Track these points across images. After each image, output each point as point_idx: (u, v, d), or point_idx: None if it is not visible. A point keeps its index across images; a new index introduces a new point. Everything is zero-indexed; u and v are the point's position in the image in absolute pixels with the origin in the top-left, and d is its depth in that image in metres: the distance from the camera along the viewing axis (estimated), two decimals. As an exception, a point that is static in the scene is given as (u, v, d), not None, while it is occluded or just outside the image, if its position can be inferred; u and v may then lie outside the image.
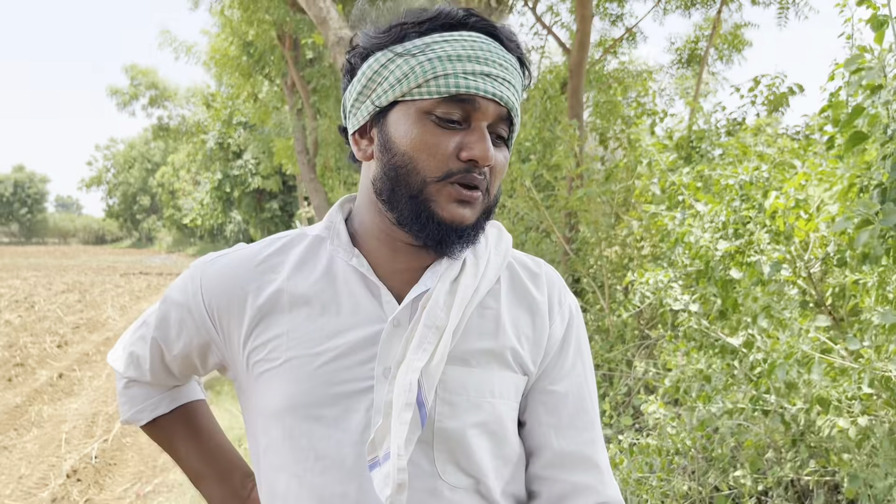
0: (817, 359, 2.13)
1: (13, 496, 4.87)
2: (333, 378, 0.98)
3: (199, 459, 1.28)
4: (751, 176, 2.83)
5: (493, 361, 1.02)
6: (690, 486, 3.16)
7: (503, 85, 0.96)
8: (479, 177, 0.96)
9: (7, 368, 8.90)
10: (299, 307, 1.02)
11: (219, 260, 1.10)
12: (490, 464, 1.00)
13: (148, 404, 1.24)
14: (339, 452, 0.97)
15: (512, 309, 1.06)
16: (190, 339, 1.12)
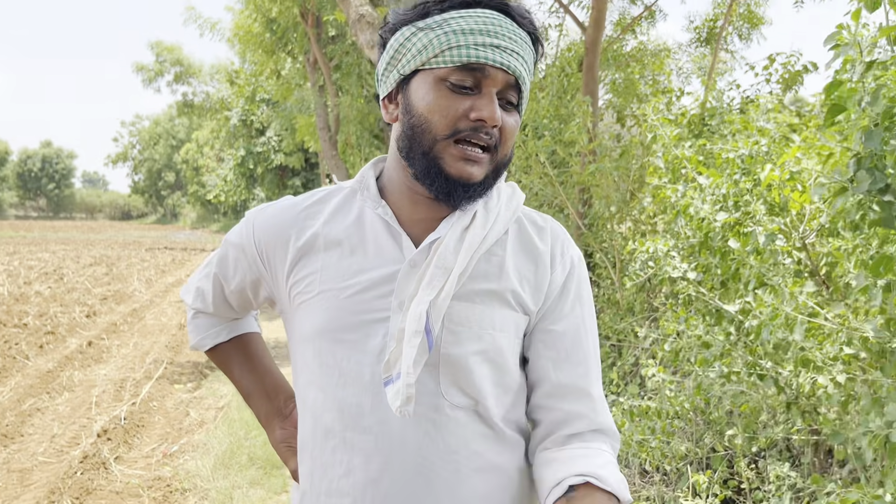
0: (799, 320, 2.25)
1: (46, 453, 5.12)
2: (356, 308, 1.15)
3: (251, 381, 1.48)
4: (750, 150, 2.94)
5: (496, 300, 1.16)
6: (688, 447, 3.30)
7: (511, 55, 1.10)
8: (485, 136, 1.10)
9: (39, 336, 9.21)
10: (332, 248, 1.20)
11: (268, 208, 1.29)
12: (490, 389, 1.15)
13: (211, 333, 1.46)
14: (359, 370, 1.14)
15: (516, 256, 1.20)
16: (244, 276, 1.31)
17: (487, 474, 1.16)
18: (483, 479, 1.15)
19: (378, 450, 1.12)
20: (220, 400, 6.53)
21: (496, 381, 1.16)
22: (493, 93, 1.10)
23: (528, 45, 1.14)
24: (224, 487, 4.25)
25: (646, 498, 3.45)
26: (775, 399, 3.01)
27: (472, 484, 1.14)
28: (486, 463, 1.16)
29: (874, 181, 1.74)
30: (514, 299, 1.17)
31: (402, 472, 1.11)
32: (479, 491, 1.15)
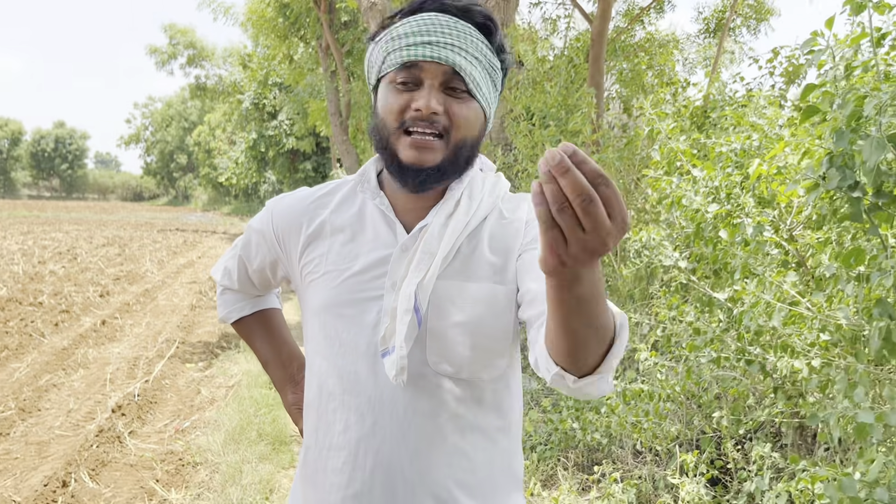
0: (778, 307, 2.38)
1: (63, 427, 5.31)
2: (355, 287, 1.31)
3: (269, 351, 1.68)
4: (742, 144, 3.06)
5: (475, 276, 1.30)
6: (678, 428, 3.44)
7: (445, 48, 1.21)
8: (424, 124, 1.22)
9: (54, 314, 9.42)
10: (336, 234, 1.37)
11: (286, 198, 1.47)
12: (471, 355, 1.29)
13: (236, 307, 1.66)
14: (356, 341, 1.30)
15: (497, 236, 1.34)
16: (264, 257, 1.50)
17: (468, 434, 1.30)
18: (463, 437, 1.30)
19: (371, 410, 1.28)
20: (230, 379, 6.71)
21: (479, 346, 1.29)
22: (432, 85, 1.23)
23: (472, 36, 1.25)
24: (234, 461, 4.42)
25: (638, 476, 3.60)
26: (762, 383, 3.14)
27: (452, 441, 1.29)
28: (466, 424, 1.30)
29: (843, 178, 1.86)
30: (493, 272, 1.31)
31: (391, 429, 1.27)
32: (459, 448, 1.29)
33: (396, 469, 1.27)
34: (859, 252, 2.01)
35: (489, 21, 1.27)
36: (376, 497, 1.28)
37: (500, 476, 1.36)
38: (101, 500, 4.11)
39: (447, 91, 1.24)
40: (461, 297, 1.28)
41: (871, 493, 2.17)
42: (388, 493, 1.28)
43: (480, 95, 1.27)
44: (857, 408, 2.02)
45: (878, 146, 1.68)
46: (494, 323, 1.30)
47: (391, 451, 1.27)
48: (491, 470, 1.34)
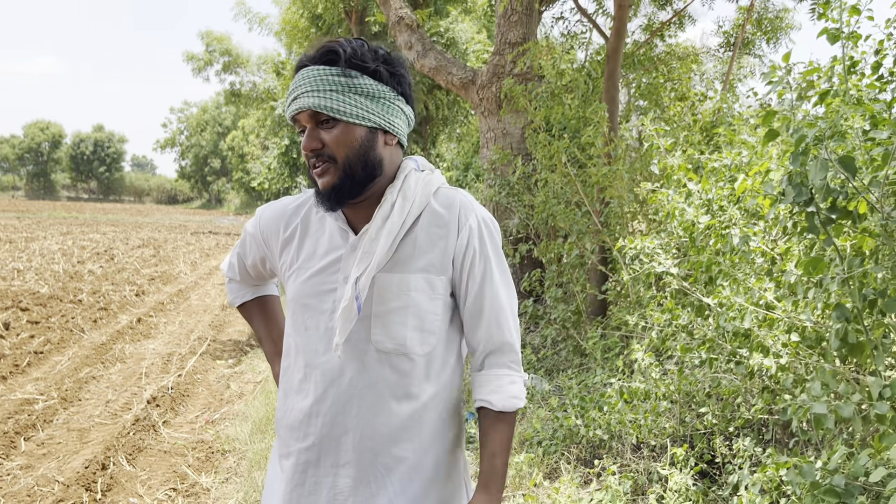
0: (750, 310, 2.61)
1: (102, 416, 5.67)
2: (316, 281, 1.63)
3: (264, 330, 2.05)
4: (733, 160, 3.29)
5: (412, 268, 1.58)
6: (672, 425, 3.67)
7: (303, 97, 1.50)
8: (313, 158, 1.54)
9: (93, 312, 9.86)
10: (304, 238, 1.69)
11: (270, 206, 1.79)
12: (412, 335, 1.58)
13: (239, 294, 2.03)
14: (317, 325, 1.62)
15: (429, 229, 1.61)
16: (255, 255, 1.85)
17: (405, 402, 1.59)
18: (400, 405, 1.59)
19: (324, 379, 1.60)
20: (258, 375, 7.04)
21: (418, 327, 1.58)
22: (309, 127, 1.53)
23: (322, 74, 1.49)
24: (260, 449, 4.72)
25: (634, 470, 3.83)
26: (750, 383, 3.36)
27: (390, 408, 1.58)
28: (403, 392, 1.59)
29: (799, 194, 2.09)
30: (427, 264, 1.59)
31: (339, 395, 1.58)
32: (396, 411, 1.59)
33: (341, 428, 1.58)
34: (818, 261, 2.24)
35: (331, 54, 1.52)
36: (324, 450, 1.60)
37: (434, 436, 1.65)
38: (137, 481, 4.44)
39: (321, 126, 1.53)
40: (399, 287, 1.58)
41: (830, 479, 2.40)
42: (333, 448, 1.59)
43: (347, 114, 1.51)
44: (814, 401, 2.25)
45: (822, 167, 1.91)
46: (429, 307, 1.60)
47: (338, 413, 1.58)
48: (424, 430, 1.63)
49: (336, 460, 1.60)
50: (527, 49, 7.27)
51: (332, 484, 1.60)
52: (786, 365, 2.57)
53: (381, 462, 1.59)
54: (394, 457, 1.60)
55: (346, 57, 1.52)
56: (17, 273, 13.09)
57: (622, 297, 5.65)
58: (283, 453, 1.68)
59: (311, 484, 1.62)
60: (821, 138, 1.90)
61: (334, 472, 1.60)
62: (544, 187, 6.58)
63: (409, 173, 1.63)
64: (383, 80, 1.55)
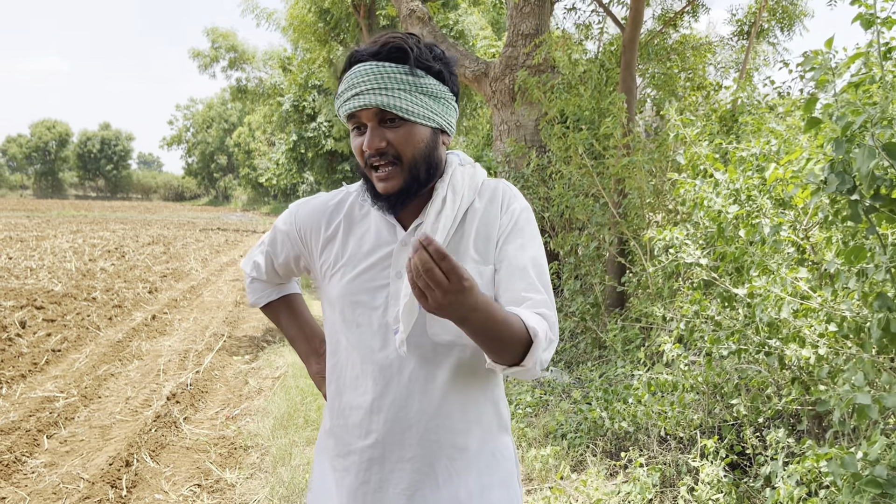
0: (787, 301, 2.58)
1: (123, 413, 5.68)
2: (367, 277, 1.61)
3: (294, 329, 2.00)
4: (762, 149, 3.25)
5: (463, 260, 1.59)
6: (700, 416, 3.65)
7: (368, 94, 1.47)
8: (377, 159, 1.50)
9: (107, 309, 9.88)
10: (349, 235, 1.66)
11: (307, 203, 1.76)
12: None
13: (264, 294, 1.97)
14: (370, 321, 1.60)
15: (477, 221, 1.62)
16: (288, 252, 1.80)
17: (464, 392, 1.60)
18: (458, 393, 1.59)
19: (382, 376, 1.58)
20: (276, 371, 7.04)
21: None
22: (372, 126, 1.50)
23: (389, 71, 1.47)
24: (283, 445, 4.72)
25: (662, 462, 3.81)
26: (780, 374, 3.33)
27: (451, 399, 1.58)
28: (462, 383, 1.59)
29: (842, 182, 2.06)
30: (477, 255, 1.59)
31: (399, 391, 1.57)
32: (455, 401, 1.59)
33: (404, 423, 1.58)
34: (860, 250, 2.21)
35: (400, 52, 1.51)
36: (388, 446, 1.59)
37: (491, 422, 1.66)
38: (161, 478, 4.44)
39: (386, 125, 1.51)
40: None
41: (872, 470, 2.37)
42: (397, 442, 1.58)
43: (415, 115, 1.51)
44: (857, 391, 2.22)
45: (870, 154, 1.88)
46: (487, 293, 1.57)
47: (400, 408, 1.57)
48: (482, 417, 1.64)
49: (401, 455, 1.59)
50: (542, 41, 7.23)
51: (399, 479, 1.59)
52: (823, 355, 2.55)
53: (446, 454, 1.59)
54: (457, 447, 1.60)
55: (414, 56, 1.51)
56: (31, 272, 13.13)
57: (641, 289, 5.62)
58: (342, 452, 1.66)
59: (376, 481, 1.61)
60: (867, 125, 1.87)
61: (400, 467, 1.59)
62: (560, 179, 6.55)
63: (455, 168, 1.63)
64: (444, 80, 1.56)
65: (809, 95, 5.69)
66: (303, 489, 4.02)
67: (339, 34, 14.75)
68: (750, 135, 4.26)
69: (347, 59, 1.54)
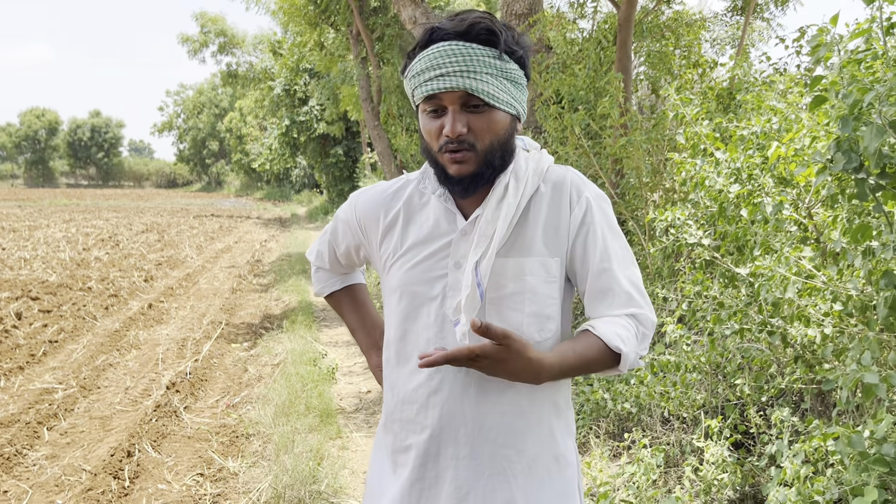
0: (792, 280, 2.57)
1: (122, 403, 5.66)
2: (425, 268, 1.57)
3: (355, 320, 1.98)
4: (763, 127, 3.22)
5: (526, 251, 1.53)
6: (704, 396, 3.65)
7: (455, 77, 1.41)
8: (456, 144, 1.44)
9: (103, 299, 9.84)
10: (408, 224, 1.62)
11: (366, 192, 1.73)
12: (528, 320, 1.52)
13: (328, 283, 1.97)
14: (427, 312, 1.56)
15: (542, 211, 1.56)
16: (349, 242, 1.78)
17: (523, 391, 1.53)
18: (518, 394, 1.53)
19: (438, 370, 1.53)
20: (275, 358, 7.02)
21: (535, 312, 1.52)
22: (454, 109, 1.44)
23: (478, 54, 1.42)
24: (285, 432, 4.71)
25: (666, 442, 3.82)
26: (783, 353, 3.33)
27: (508, 398, 1.53)
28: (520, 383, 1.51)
29: (849, 161, 2.03)
30: (542, 246, 1.54)
31: (454, 384, 1.53)
32: (513, 400, 1.53)
33: (458, 418, 1.52)
34: (866, 228, 2.19)
35: (490, 35, 1.45)
36: (443, 442, 1.54)
37: (553, 424, 1.60)
38: (164, 468, 4.43)
39: (469, 109, 1.45)
40: (515, 271, 1.52)
41: (879, 448, 2.37)
42: (452, 440, 1.53)
43: (500, 101, 1.46)
44: (864, 370, 2.21)
45: (878, 132, 1.86)
46: (546, 291, 1.53)
47: (454, 403, 1.52)
48: (541, 418, 1.57)
49: (456, 452, 1.54)
50: (536, 20, 7.17)
51: (454, 477, 1.54)
52: (828, 334, 2.54)
53: (502, 454, 1.54)
54: (514, 448, 1.54)
55: (503, 39, 1.46)
56: (24, 262, 13.07)
57: (641, 269, 5.60)
58: (400, 448, 1.62)
59: (431, 478, 1.57)
60: (874, 103, 1.85)
61: (454, 464, 1.54)
62: (557, 160, 6.52)
63: (519, 154, 1.58)
64: (524, 66, 1.52)
65: (808, 71, 5.66)
66: (306, 477, 4.01)
67: (329, 17, 14.61)
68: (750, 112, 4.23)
69: (427, 35, 1.47)
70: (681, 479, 3.55)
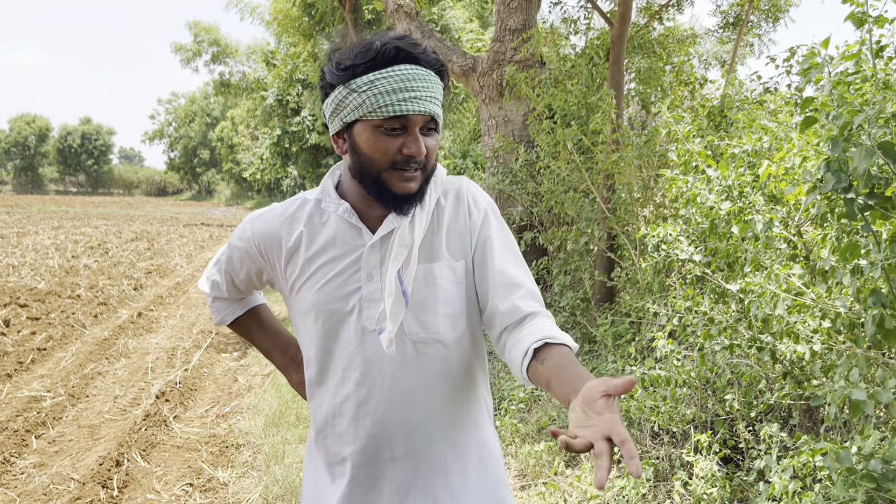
0: (782, 297, 2.61)
1: (111, 412, 5.64)
2: (338, 284, 1.59)
3: (267, 341, 1.96)
4: (753, 146, 3.27)
5: (434, 257, 1.59)
6: (693, 411, 3.68)
7: (425, 101, 1.47)
8: (415, 164, 1.50)
9: (92, 307, 9.80)
10: (312, 244, 1.63)
11: (261, 216, 1.71)
12: (443, 321, 1.58)
13: (228, 311, 1.91)
14: (345, 328, 1.59)
15: (446, 218, 1.63)
16: (249, 268, 1.75)
17: (447, 388, 1.60)
18: (443, 392, 1.60)
19: (364, 381, 1.58)
20: (265, 368, 7.01)
21: (448, 313, 1.59)
22: (416, 131, 1.49)
23: (437, 81, 1.50)
24: (276, 443, 4.71)
25: (655, 457, 3.84)
26: (772, 369, 3.36)
27: (435, 396, 1.59)
28: (444, 379, 1.60)
29: (838, 181, 2.08)
30: (447, 251, 1.61)
31: (383, 393, 1.57)
32: (438, 398, 1.60)
33: (392, 424, 1.58)
34: (854, 247, 2.23)
35: (439, 64, 1.52)
36: (379, 449, 1.59)
37: (477, 416, 1.68)
38: (153, 477, 4.41)
39: (424, 132, 1.51)
40: (426, 276, 1.58)
41: (867, 464, 2.40)
42: (387, 445, 1.59)
43: (440, 127, 1.56)
44: (852, 387, 2.25)
45: (868, 154, 1.90)
46: (455, 291, 1.61)
47: (386, 411, 1.57)
48: (467, 411, 1.65)
49: (391, 455, 1.59)
50: (530, 36, 7.23)
51: (392, 479, 1.60)
52: (817, 351, 2.58)
53: (435, 450, 1.60)
54: (446, 443, 1.61)
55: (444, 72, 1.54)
56: (12, 269, 13.00)
57: (631, 284, 5.64)
58: (334, 460, 1.65)
59: (370, 482, 1.61)
60: (864, 125, 1.89)
61: (391, 466, 1.59)
62: (548, 175, 6.56)
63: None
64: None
65: (798, 90, 5.73)
66: (297, 487, 4.01)
67: (323, 28, 14.67)
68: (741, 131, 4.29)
69: (392, 52, 1.47)
70: (670, 493, 3.57)
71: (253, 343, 1.98)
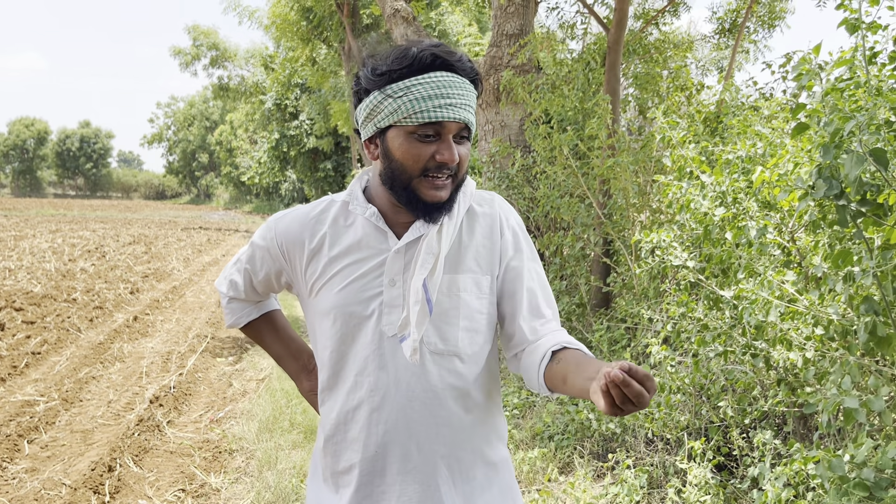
0: (774, 304, 2.59)
1: (105, 417, 5.61)
2: (358, 289, 1.57)
3: (279, 346, 1.94)
4: (748, 152, 3.27)
5: (461, 269, 1.58)
6: (688, 418, 3.66)
7: (460, 108, 1.47)
8: (447, 171, 1.49)
9: (88, 311, 9.77)
10: (335, 246, 1.61)
11: (286, 216, 1.69)
12: (463, 335, 1.57)
13: (244, 313, 1.89)
14: (363, 333, 1.57)
15: (476, 230, 1.62)
16: (269, 269, 1.73)
17: (461, 402, 1.59)
18: (458, 405, 1.58)
19: (379, 388, 1.55)
20: (260, 372, 6.99)
21: (468, 327, 1.58)
22: (450, 138, 1.48)
23: (472, 89, 1.50)
24: (269, 448, 4.69)
25: (650, 463, 3.82)
26: (765, 376, 3.35)
27: (449, 409, 1.57)
28: (459, 393, 1.58)
29: (830, 188, 2.07)
30: (476, 264, 1.59)
31: (397, 402, 1.55)
32: (453, 412, 1.58)
33: (405, 434, 1.55)
34: (847, 254, 2.22)
35: (474, 72, 1.52)
36: (389, 459, 1.57)
37: (489, 431, 1.66)
38: (145, 483, 4.39)
39: (457, 140, 1.50)
40: (450, 288, 1.56)
41: (859, 472, 2.39)
42: (398, 455, 1.56)
43: (471, 136, 1.54)
44: (844, 394, 2.23)
45: (859, 161, 1.89)
46: (476, 306, 1.59)
47: (398, 420, 1.55)
48: (480, 428, 1.63)
49: (402, 467, 1.56)
50: (527, 41, 7.23)
51: (401, 491, 1.57)
52: (809, 358, 2.56)
53: (446, 464, 1.58)
54: (456, 457, 1.59)
55: (479, 79, 1.54)
56: (9, 272, 12.97)
57: (627, 289, 5.63)
58: (342, 469, 1.63)
59: (377, 494, 1.59)
60: (855, 132, 1.88)
61: (401, 479, 1.57)
62: (545, 180, 6.55)
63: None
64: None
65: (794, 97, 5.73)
66: (289, 494, 3.99)
67: (321, 33, 14.68)
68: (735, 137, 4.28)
69: (429, 59, 1.47)
70: (664, 500, 3.55)
71: (265, 348, 1.95)
